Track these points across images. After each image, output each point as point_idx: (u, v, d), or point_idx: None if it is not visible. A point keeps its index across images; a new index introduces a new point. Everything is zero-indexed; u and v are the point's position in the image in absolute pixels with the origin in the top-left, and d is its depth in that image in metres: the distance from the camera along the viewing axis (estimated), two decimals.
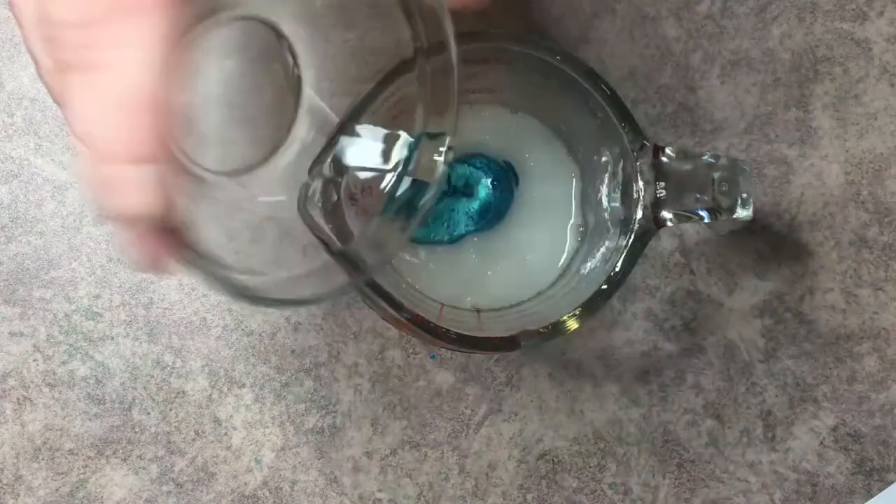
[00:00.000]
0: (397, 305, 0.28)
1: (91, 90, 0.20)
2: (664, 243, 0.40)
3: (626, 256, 0.30)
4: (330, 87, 0.28)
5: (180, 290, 0.39)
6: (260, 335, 0.39)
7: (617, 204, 0.32)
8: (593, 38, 0.40)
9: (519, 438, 0.39)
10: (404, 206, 0.24)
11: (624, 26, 0.40)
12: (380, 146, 0.25)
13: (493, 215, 0.36)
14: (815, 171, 0.40)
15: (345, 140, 0.28)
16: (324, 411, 0.39)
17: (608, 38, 0.40)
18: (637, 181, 0.30)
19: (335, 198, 0.27)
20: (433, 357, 0.39)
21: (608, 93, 0.30)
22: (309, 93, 0.27)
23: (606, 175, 0.33)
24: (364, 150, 0.26)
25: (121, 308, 0.39)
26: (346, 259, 0.27)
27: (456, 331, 0.29)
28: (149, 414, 0.39)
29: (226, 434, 0.39)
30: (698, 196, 0.31)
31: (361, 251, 0.25)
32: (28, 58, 0.23)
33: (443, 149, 0.24)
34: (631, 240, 0.30)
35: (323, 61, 0.28)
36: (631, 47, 0.40)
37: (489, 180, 0.35)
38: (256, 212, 0.29)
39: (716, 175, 0.31)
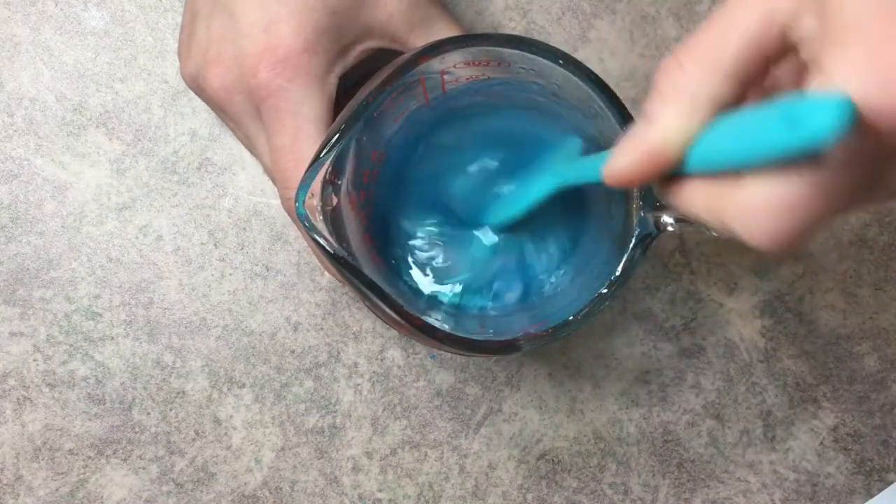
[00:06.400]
0: (397, 308, 0.28)
1: None
2: (664, 243, 0.40)
3: (626, 261, 0.30)
4: None
5: (180, 290, 0.39)
6: (260, 335, 0.39)
7: (617, 208, 0.32)
8: (593, 38, 0.40)
9: (519, 438, 0.39)
10: None
11: (624, 26, 0.40)
12: None
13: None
14: None
15: (346, 141, 0.28)
16: (324, 411, 0.39)
17: (608, 38, 0.40)
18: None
19: (334, 201, 0.27)
20: (433, 357, 0.39)
21: (608, 95, 0.30)
22: None
23: None
24: None
25: (121, 308, 0.39)
26: (342, 262, 0.27)
27: (456, 334, 0.29)
28: (149, 414, 0.39)
29: (226, 434, 0.39)
30: None
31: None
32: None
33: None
34: (631, 244, 0.30)
35: None
36: (631, 47, 0.40)
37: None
38: None
39: None
